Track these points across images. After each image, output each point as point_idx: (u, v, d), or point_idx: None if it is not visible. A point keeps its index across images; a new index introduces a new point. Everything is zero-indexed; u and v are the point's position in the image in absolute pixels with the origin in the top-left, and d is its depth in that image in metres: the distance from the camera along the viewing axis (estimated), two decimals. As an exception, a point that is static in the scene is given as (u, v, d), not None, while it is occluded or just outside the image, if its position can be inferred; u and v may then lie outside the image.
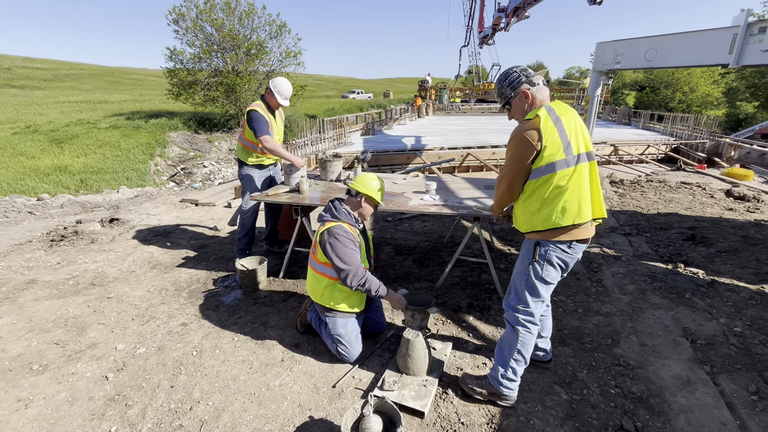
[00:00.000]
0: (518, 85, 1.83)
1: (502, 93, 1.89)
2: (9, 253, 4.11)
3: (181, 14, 15.58)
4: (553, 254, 1.85)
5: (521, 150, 1.75)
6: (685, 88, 34.56)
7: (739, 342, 2.56)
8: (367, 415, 1.76)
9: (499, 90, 1.90)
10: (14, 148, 14.03)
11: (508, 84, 1.86)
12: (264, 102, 3.51)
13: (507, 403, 2.02)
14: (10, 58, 47.19)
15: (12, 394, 2.17)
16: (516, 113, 1.89)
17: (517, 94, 1.84)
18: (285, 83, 3.49)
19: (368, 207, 2.45)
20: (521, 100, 1.84)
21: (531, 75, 1.83)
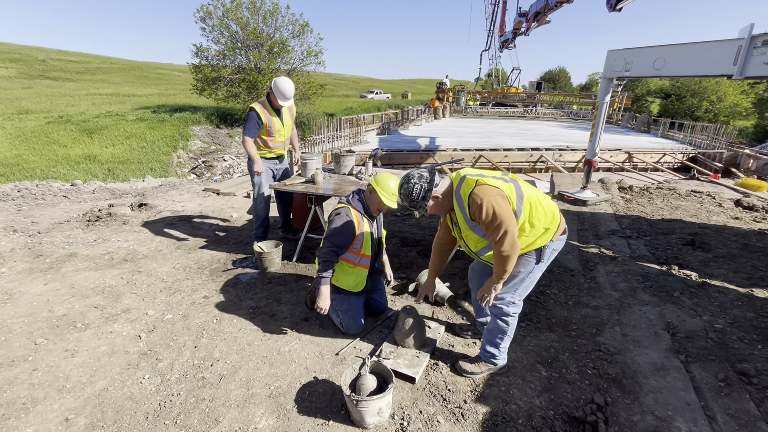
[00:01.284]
0: (428, 195, 1.98)
1: (418, 206, 2.01)
2: (50, 230, 4.53)
3: (208, 12, 16.17)
4: (553, 248, 2.14)
5: (503, 204, 1.87)
6: (712, 97, 33.73)
7: (718, 337, 2.72)
8: (364, 374, 2.02)
9: (417, 201, 1.99)
10: (48, 137, 14.82)
11: (421, 198, 1.98)
12: (269, 100, 3.69)
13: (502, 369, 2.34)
14: (46, 50, 49.26)
15: (60, 345, 2.51)
16: (438, 211, 2.10)
17: (432, 197, 2.00)
18: (285, 84, 3.59)
19: (374, 201, 2.62)
20: (438, 200, 2.02)
21: (429, 180, 1.98)
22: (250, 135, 3.66)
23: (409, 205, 2.03)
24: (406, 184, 2.01)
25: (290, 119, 3.93)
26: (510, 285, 2.15)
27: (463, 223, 2.04)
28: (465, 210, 1.95)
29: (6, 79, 30.29)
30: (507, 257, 1.91)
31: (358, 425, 1.94)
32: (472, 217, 1.92)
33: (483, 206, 1.84)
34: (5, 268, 3.54)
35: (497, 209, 1.84)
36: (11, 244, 4.08)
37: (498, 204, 1.85)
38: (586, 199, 6.01)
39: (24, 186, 7.07)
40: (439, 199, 2.01)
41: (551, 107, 32.37)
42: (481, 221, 1.88)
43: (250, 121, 3.60)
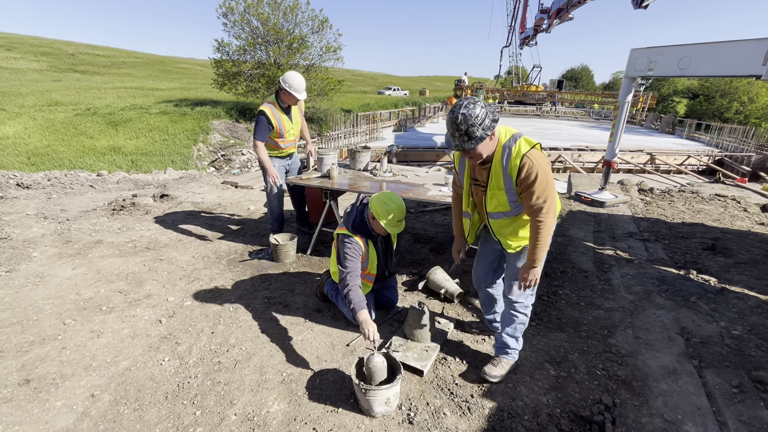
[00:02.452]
0: (493, 127, 1.75)
1: (474, 133, 1.71)
2: (78, 218, 4.73)
3: (230, 8, 16.43)
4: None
5: (551, 175, 1.86)
6: (743, 98, 32.46)
7: (734, 343, 2.67)
8: (372, 355, 2.06)
9: (472, 129, 1.70)
10: (76, 128, 15.37)
11: (484, 127, 1.72)
12: (278, 100, 3.60)
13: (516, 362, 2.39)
14: (75, 44, 50.91)
15: (87, 326, 2.65)
16: (485, 152, 1.83)
17: (489, 136, 1.77)
18: (296, 78, 3.52)
19: (377, 227, 2.54)
20: (490, 139, 1.80)
21: (494, 111, 1.77)
22: (261, 139, 3.57)
23: (465, 132, 1.71)
24: (470, 108, 1.69)
25: (299, 115, 3.88)
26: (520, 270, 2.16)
27: (496, 181, 1.91)
28: (508, 168, 1.83)
29: (37, 72, 31.46)
30: (548, 230, 1.84)
31: (366, 414, 1.99)
32: (517, 178, 1.81)
33: (537, 170, 1.76)
34: (37, 252, 3.73)
35: (549, 178, 1.81)
36: (42, 230, 4.29)
37: (550, 173, 1.84)
38: (604, 201, 5.91)
39: (53, 175, 7.38)
40: (491, 140, 1.80)
41: (572, 106, 31.70)
42: (528, 184, 1.78)
43: (260, 125, 3.52)
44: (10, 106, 17.82)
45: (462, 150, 1.78)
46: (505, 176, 1.87)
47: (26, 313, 2.77)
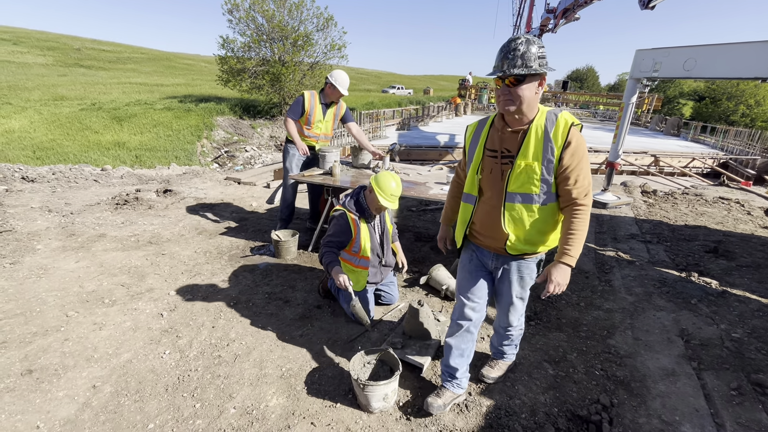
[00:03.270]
0: (544, 69, 1.49)
1: (530, 59, 1.45)
2: (82, 212, 4.77)
3: (236, 5, 16.44)
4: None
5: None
6: (750, 101, 32.22)
7: (734, 346, 2.66)
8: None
9: (529, 54, 1.45)
10: (81, 123, 15.44)
11: (540, 56, 1.48)
12: (321, 92, 3.87)
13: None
14: (81, 39, 51.10)
15: (89, 318, 2.67)
16: (527, 99, 1.52)
17: (542, 76, 1.53)
18: (342, 75, 3.83)
19: (372, 201, 2.63)
20: (538, 87, 1.53)
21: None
22: (291, 116, 3.87)
23: (522, 54, 1.45)
24: (534, 39, 1.48)
25: (332, 118, 4.04)
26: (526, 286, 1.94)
27: (535, 149, 1.58)
28: (553, 133, 1.55)
29: (44, 66, 31.62)
30: (588, 220, 1.62)
31: (364, 409, 2.01)
32: (564, 149, 1.54)
33: (584, 150, 1.56)
34: (41, 245, 3.76)
35: (587, 161, 1.60)
36: (47, 223, 4.33)
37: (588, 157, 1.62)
38: (606, 202, 5.90)
39: (58, 169, 7.43)
40: (537, 91, 1.53)
41: (577, 107, 31.58)
42: (576, 160, 1.55)
43: (295, 104, 3.83)
44: (16, 100, 17.93)
45: (505, 75, 1.46)
46: (546, 144, 1.56)
47: (30, 304, 2.80)
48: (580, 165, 1.58)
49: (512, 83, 1.48)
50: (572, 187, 1.59)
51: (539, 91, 1.53)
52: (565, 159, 1.56)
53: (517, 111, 1.54)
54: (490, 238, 1.79)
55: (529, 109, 1.56)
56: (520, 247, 1.74)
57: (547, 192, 1.63)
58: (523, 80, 1.47)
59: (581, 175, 1.58)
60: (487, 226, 1.78)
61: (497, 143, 1.68)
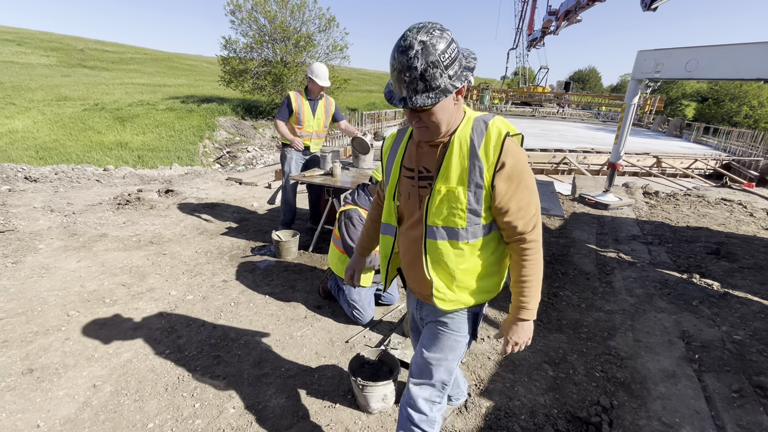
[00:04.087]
0: (464, 76, 1.09)
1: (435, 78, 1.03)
2: (84, 212, 4.79)
3: (238, 5, 16.51)
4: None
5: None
6: (753, 102, 32.12)
7: (736, 348, 2.65)
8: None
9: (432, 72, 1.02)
10: (84, 123, 15.51)
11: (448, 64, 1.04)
12: (306, 90, 3.87)
13: None
14: (84, 40, 51.33)
15: (90, 318, 2.68)
16: (445, 121, 1.14)
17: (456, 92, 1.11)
18: (320, 67, 3.78)
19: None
20: (457, 98, 1.14)
21: (470, 56, 1.14)
22: (281, 118, 3.86)
23: (421, 74, 1.01)
24: (432, 35, 1.01)
25: (323, 115, 4.01)
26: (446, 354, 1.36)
27: (456, 168, 1.17)
28: (482, 148, 1.15)
29: (47, 67, 31.77)
30: (541, 259, 1.24)
31: (363, 410, 2.01)
32: (497, 168, 1.14)
33: (524, 168, 1.16)
34: (43, 244, 3.78)
35: (532, 181, 1.21)
36: (49, 222, 4.34)
37: (532, 175, 1.22)
38: (608, 203, 5.88)
39: (61, 169, 7.46)
40: (456, 103, 1.14)
41: (579, 108, 31.54)
42: (515, 182, 1.15)
43: (282, 105, 3.83)
44: (19, 101, 18.03)
45: (409, 107, 1.06)
46: (473, 163, 1.15)
47: (31, 304, 2.81)
48: (521, 189, 1.17)
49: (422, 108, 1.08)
50: (514, 219, 1.19)
51: (459, 100, 1.15)
52: (500, 183, 1.15)
53: (432, 134, 1.17)
54: (414, 281, 1.37)
55: (450, 125, 1.17)
56: (452, 297, 1.29)
57: (477, 224, 1.21)
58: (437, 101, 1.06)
59: (524, 201, 1.18)
60: (409, 267, 1.37)
61: (414, 160, 1.27)
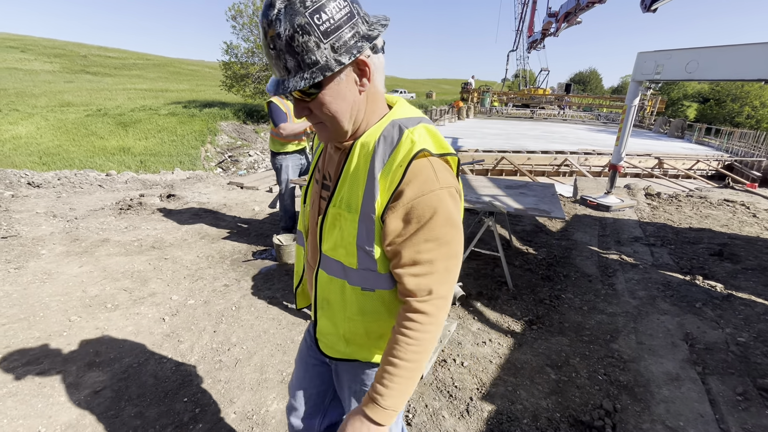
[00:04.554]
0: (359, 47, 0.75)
1: (309, 50, 0.73)
2: (86, 217, 4.81)
3: (239, 11, 16.64)
4: None
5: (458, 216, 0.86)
6: (755, 102, 32.09)
7: (740, 350, 2.63)
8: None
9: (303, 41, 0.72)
10: (87, 129, 15.62)
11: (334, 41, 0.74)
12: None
13: None
14: (87, 46, 51.78)
15: (92, 323, 2.68)
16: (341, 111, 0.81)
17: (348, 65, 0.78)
18: None
19: None
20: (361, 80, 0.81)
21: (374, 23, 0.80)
22: (283, 120, 3.69)
23: (287, 43, 0.72)
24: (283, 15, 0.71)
25: None
26: None
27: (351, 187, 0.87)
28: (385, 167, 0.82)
29: (50, 73, 32.02)
30: (429, 340, 0.85)
31: (364, 414, 2.00)
32: (394, 196, 0.81)
33: (438, 205, 0.81)
34: (45, 250, 3.79)
35: (456, 233, 0.84)
36: (51, 228, 4.36)
37: (460, 224, 0.86)
38: (610, 205, 5.87)
39: (64, 174, 7.49)
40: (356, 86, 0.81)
41: (580, 110, 31.54)
42: (408, 226, 0.82)
43: (275, 110, 3.69)
44: (23, 107, 18.17)
45: (281, 93, 0.77)
46: (370, 185, 0.83)
47: (33, 309, 2.81)
48: (423, 236, 0.81)
49: (302, 96, 0.80)
50: (403, 273, 0.84)
51: (364, 83, 0.81)
52: (391, 219, 0.82)
53: (333, 133, 0.85)
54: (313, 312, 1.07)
55: (358, 121, 0.85)
56: (340, 348, 1.01)
57: (371, 269, 0.89)
58: (320, 85, 0.77)
59: (425, 255, 0.82)
60: (309, 289, 1.12)
61: (324, 161, 1.01)
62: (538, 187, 4.13)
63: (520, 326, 2.83)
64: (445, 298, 0.87)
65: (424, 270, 0.84)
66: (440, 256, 0.84)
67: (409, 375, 0.85)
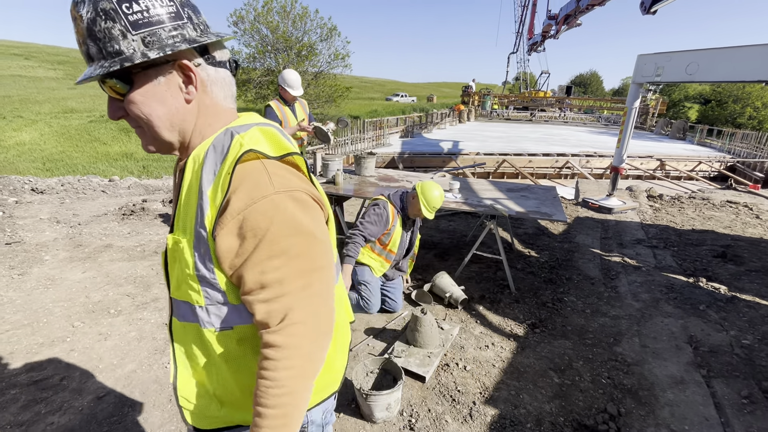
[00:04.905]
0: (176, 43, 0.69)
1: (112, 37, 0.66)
2: (89, 222, 4.83)
3: (241, 17, 16.74)
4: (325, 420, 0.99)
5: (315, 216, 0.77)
6: (757, 103, 32.03)
7: (744, 353, 2.62)
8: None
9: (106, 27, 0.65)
10: (90, 135, 15.73)
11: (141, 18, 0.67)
12: (281, 98, 3.84)
13: None
14: (90, 53, 52.13)
15: (95, 329, 2.69)
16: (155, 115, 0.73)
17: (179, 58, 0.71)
18: (292, 74, 3.71)
19: (414, 206, 2.77)
20: (186, 86, 0.73)
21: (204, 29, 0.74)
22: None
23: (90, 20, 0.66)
24: None
25: (304, 115, 4.01)
26: None
27: (186, 210, 0.75)
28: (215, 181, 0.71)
29: (54, 80, 32.28)
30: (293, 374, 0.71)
31: (367, 419, 1.99)
32: (222, 210, 0.69)
33: (274, 215, 0.69)
34: (48, 255, 3.81)
35: (297, 244, 0.71)
36: (54, 234, 4.39)
37: (315, 232, 0.74)
38: (612, 207, 5.86)
39: (67, 180, 7.54)
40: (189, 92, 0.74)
41: (581, 112, 31.56)
42: (246, 243, 0.69)
43: (269, 116, 3.75)
44: (27, 114, 18.31)
45: (79, 80, 0.70)
46: (200, 200, 0.72)
47: (37, 315, 2.82)
48: (265, 251, 0.69)
49: (114, 93, 0.72)
50: (252, 300, 0.71)
51: (190, 91, 0.73)
52: (223, 237, 0.69)
53: (151, 139, 0.76)
54: None
55: (186, 132, 0.76)
56: (212, 412, 0.84)
57: (221, 303, 0.76)
58: (131, 80, 0.70)
59: (271, 275, 0.69)
60: None
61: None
62: (540, 189, 4.13)
63: (522, 329, 2.82)
64: (305, 323, 0.72)
65: (274, 293, 0.70)
66: (292, 273, 0.70)
67: (282, 423, 0.71)
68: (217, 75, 0.77)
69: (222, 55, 0.79)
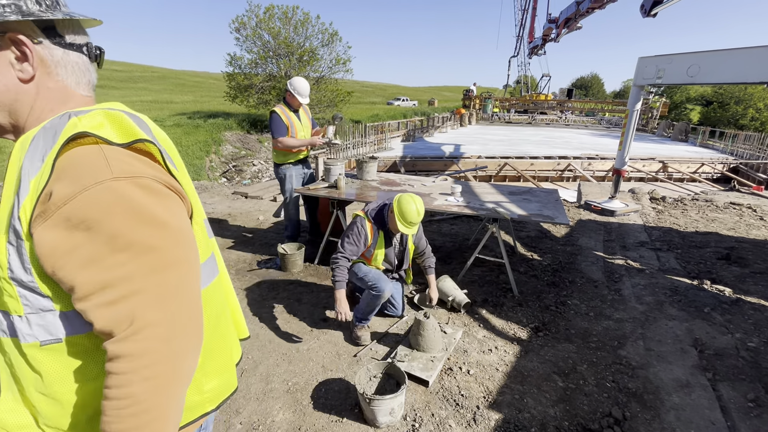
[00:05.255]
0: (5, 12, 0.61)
1: None
2: (93, 228, 4.85)
3: (243, 23, 16.87)
4: None
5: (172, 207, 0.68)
6: (759, 104, 31.95)
7: (750, 356, 2.59)
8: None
9: None
10: (94, 141, 15.80)
11: None
12: (285, 103, 3.78)
13: None
14: (94, 60, 52.65)
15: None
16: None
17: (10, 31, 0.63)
18: (302, 82, 3.69)
19: (391, 220, 2.56)
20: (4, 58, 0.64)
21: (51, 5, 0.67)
22: (282, 134, 3.72)
23: None
24: None
25: (308, 120, 4.00)
26: None
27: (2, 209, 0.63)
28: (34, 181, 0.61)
29: (58, 87, 32.52)
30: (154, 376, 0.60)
31: (370, 424, 1.99)
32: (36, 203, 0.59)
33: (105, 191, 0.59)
34: (52, 261, 3.83)
35: (153, 214, 0.63)
36: (58, 239, 4.41)
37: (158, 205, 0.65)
38: (614, 209, 5.84)
39: None
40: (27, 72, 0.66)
41: (582, 115, 31.57)
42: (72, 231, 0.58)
43: (275, 122, 3.70)
44: (31, 120, 18.43)
45: None
46: (20, 188, 0.61)
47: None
48: (106, 245, 0.60)
49: None
50: (93, 305, 0.60)
51: (24, 69, 0.66)
52: (45, 235, 0.59)
53: None
54: None
55: (5, 108, 0.67)
56: None
57: (47, 310, 0.64)
58: None
59: (109, 274, 0.60)
60: None
61: None
62: (542, 192, 4.12)
63: (526, 333, 2.81)
64: (159, 325, 0.61)
65: (119, 293, 0.59)
66: (141, 269, 0.61)
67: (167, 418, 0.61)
68: (66, 58, 0.70)
69: (75, 39, 0.71)
